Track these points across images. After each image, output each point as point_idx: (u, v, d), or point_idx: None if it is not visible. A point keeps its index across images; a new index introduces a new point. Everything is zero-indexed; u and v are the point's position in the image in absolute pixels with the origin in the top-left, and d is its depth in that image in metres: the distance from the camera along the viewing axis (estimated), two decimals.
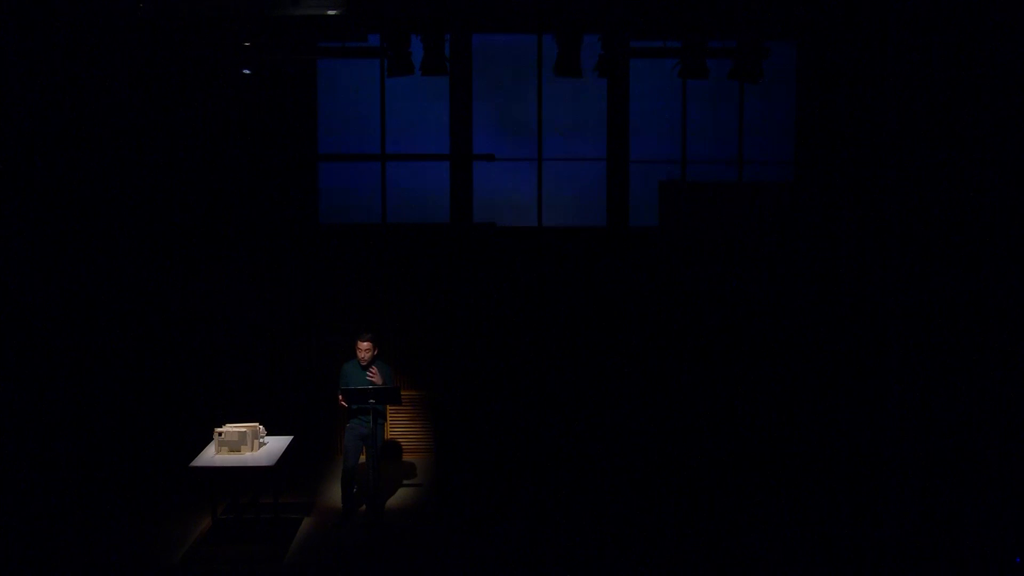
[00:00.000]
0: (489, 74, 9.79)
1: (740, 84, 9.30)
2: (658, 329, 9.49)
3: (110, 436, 8.49)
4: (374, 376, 7.70)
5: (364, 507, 8.00)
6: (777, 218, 9.75)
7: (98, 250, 8.44)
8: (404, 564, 7.02)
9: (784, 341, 9.42)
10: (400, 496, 8.56)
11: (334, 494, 8.25)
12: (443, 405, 9.52)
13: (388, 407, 8.12)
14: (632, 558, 7.07)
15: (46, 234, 7.81)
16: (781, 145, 9.84)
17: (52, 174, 7.88)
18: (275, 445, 7.66)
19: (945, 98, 8.66)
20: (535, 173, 9.81)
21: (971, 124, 8.53)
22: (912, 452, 8.59)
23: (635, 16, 8.45)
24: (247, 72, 8.75)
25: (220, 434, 7.43)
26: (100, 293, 8.42)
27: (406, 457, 9.64)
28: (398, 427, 9.62)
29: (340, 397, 7.72)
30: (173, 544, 7.33)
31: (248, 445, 7.42)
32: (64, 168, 8.01)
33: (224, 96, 9.30)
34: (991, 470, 7.98)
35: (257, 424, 7.64)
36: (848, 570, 6.88)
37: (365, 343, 7.78)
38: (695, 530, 7.60)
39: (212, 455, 7.41)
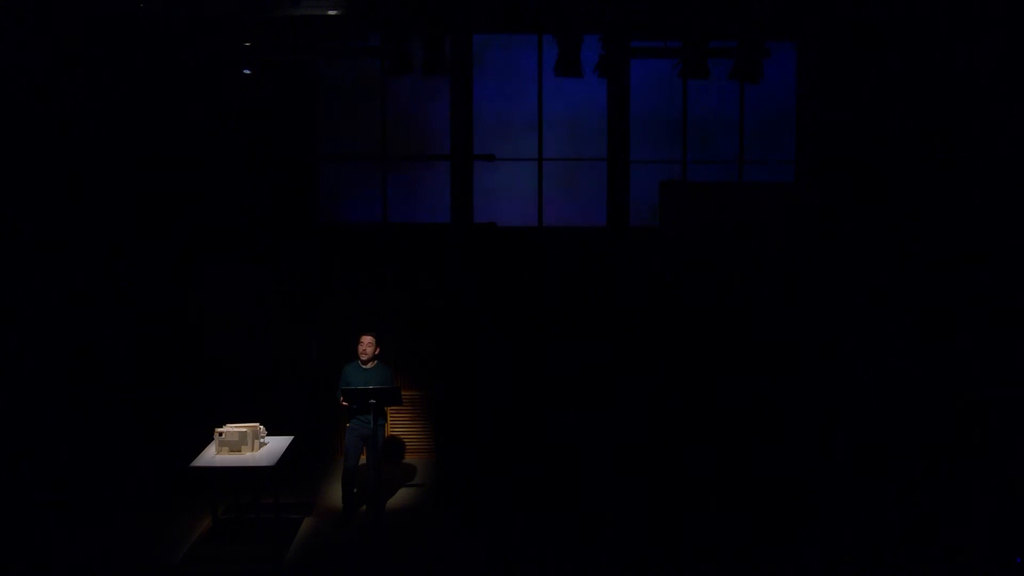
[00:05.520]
0: (490, 74, 9.81)
1: (740, 84, 9.30)
2: (658, 329, 9.48)
3: (110, 436, 8.49)
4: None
5: (365, 507, 8.00)
6: (777, 218, 9.75)
7: (98, 250, 8.44)
8: (404, 564, 7.02)
9: (784, 340, 9.42)
10: (401, 496, 8.56)
11: (335, 494, 8.25)
12: (443, 405, 9.52)
13: (388, 407, 8.13)
14: (633, 557, 7.07)
15: (46, 234, 7.82)
16: (781, 145, 9.85)
17: (52, 173, 7.88)
18: (275, 445, 7.66)
19: (945, 98, 8.67)
20: (535, 173, 9.81)
21: (971, 124, 8.54)
22: (912, 451, 8.60)
23: (635, 16, 8.45)
24: (247, 72, 8.75)
25: (220, 434, 7.42)
26: (100, 293, 8.42)
27: (407, 457, 9.64)
28: (399, 427, 9.62)
29: (340, 398, 7.74)
30: (173, 544, 7.33)
31: (248, 445, 7.42)
32: (64, 168, 8.01)
33: (224, 96, 9.29)
34: (991, 469, 7.99)
35: (257, 424, 7.64)
36: (848, 570, 6.88)
37: (368, 337, 7.89)
38: (695, 528, 7.60)
39: (212, 455, 7.41)
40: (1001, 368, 8.39)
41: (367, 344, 7.87)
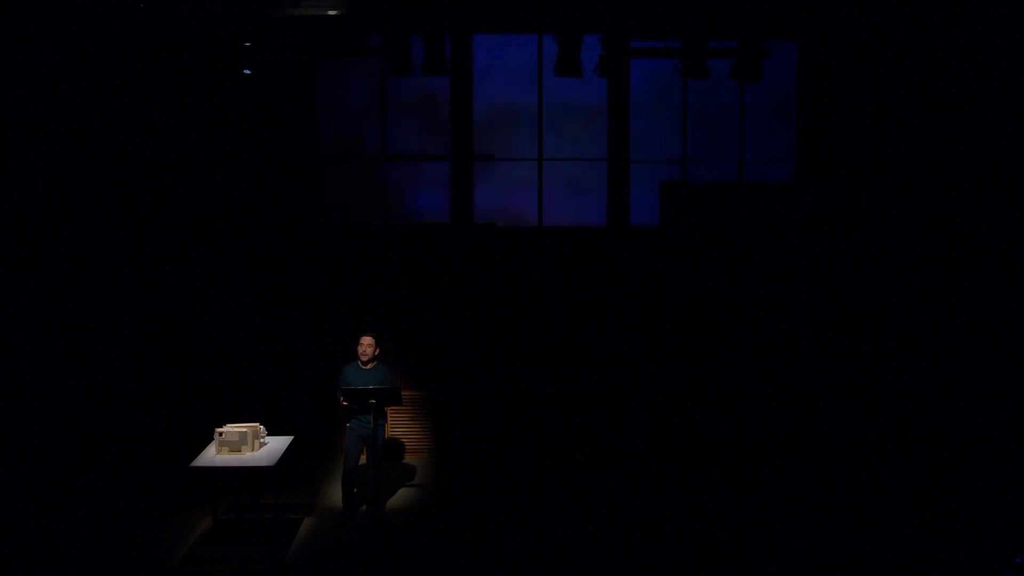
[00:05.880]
0: (489, 73, 9.81)
1: (740, 84, 9.30)
2: (658, 329, 9.48)
3: (110, 436, 8.49)
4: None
5: (365, 507, 8.00)
6: (777, 218, 9.75)
7: (98, 250, 8.44)
8: (404, 564, 7.01)
9: (784, 340, 9.42)
10: (401, 496, 8.56)
11: (335, 494, 8.25)
12: (443, 405, 9.52)
13: (388, 407, 8.13)
14: (633, 557, 7.07)
15: (47, 234, 7.81)
16: (781, 145, 9.85)
17: (53, 174, 7.88)
18: (276, 445, 7.66)
19: (945, 98, 8.67)
20: (535, 173, 9.81)
21: (971, 124, 8.54)
22: (912, 452, 8.60)
23: (635, 16, 8.46)
24: (247, 72, 8.74)
25: (220, 434, 7.42)
26: (100, 293, 8.42)
27: (407, 458, 9.64)
28: (398, 427, 9.62)
29: (340, 398, 7.74)
30: (173, 544, 7.33)
31: (249, 445, 7.42)
32: (64, 168, 8.01)
33: (224, 96, 9.29)
34: (991, 469, 7.99)
35: (257, 424, 7.64)
36: (848, 570, 6.88)
37: (368, 338, 7.89)
38: (695, 529, 7.59)
39: (212, 455, 7.41)
40: (1002, 367, 8.38)
41: (367, 345, 7.88)
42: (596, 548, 7.25)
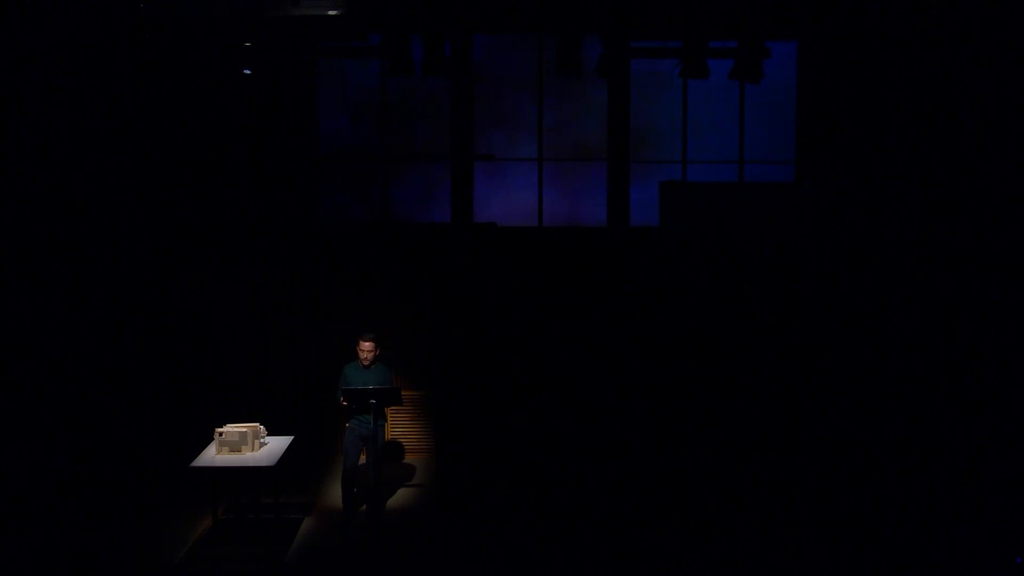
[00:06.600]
0: (490, 73, 9.82)
1: (740, 84, 9.30)
2: (658, 329, 9.48)
3: (110, 436, 8.49)
4: None
5: (364, 507, 8.00)
6: (777, 218, 9.75)
7: (98, 250, 8.44)
8: (404, 564, 7.02)
9: (784, 341, 9.41)
10: (400, 497, 8.56)
11: (334, 494, 8.25)
12: (443, 405, 9.52)
13: (388, 408, 8.13)
14: (633, 558, 7.07)
15: (46, 234, 7.81)
16: (781, 145, 9.85)
17: (52, 174, 7.88)
18: (276, 445, 7.66)
19: (945, 97, 8.67)
20: (535, 173, 9.81)
21: (970, 123, 8.54)
22: (912, 452, 8.60)
23: (635, 16, 8.46)
24: (247, 72, 8.75)
25: (221, 434, 7.42)
26: (100, 293, 8.42)
27: (407, 458, 9.64)
28: (399, 427, 9.62)
29: (340, 398, 7.73)
30: (173, 544, 7.33)
31: (249, 445, 7.42)
32: (64, 168, 8.01)
33: (224, 96, 9.29)
34: (991, 469, 7.99)
35: (258, 424, 7.64)
36: (849, 570, 6.88)
37: (367, 343, 7.81)
38: (695, 530, 7.60)
39: (213, 455, 7.41)
40: (1002, 367, 8.38)
41: (367, 350, 7.78)
42: (596, 548, 7.25)
